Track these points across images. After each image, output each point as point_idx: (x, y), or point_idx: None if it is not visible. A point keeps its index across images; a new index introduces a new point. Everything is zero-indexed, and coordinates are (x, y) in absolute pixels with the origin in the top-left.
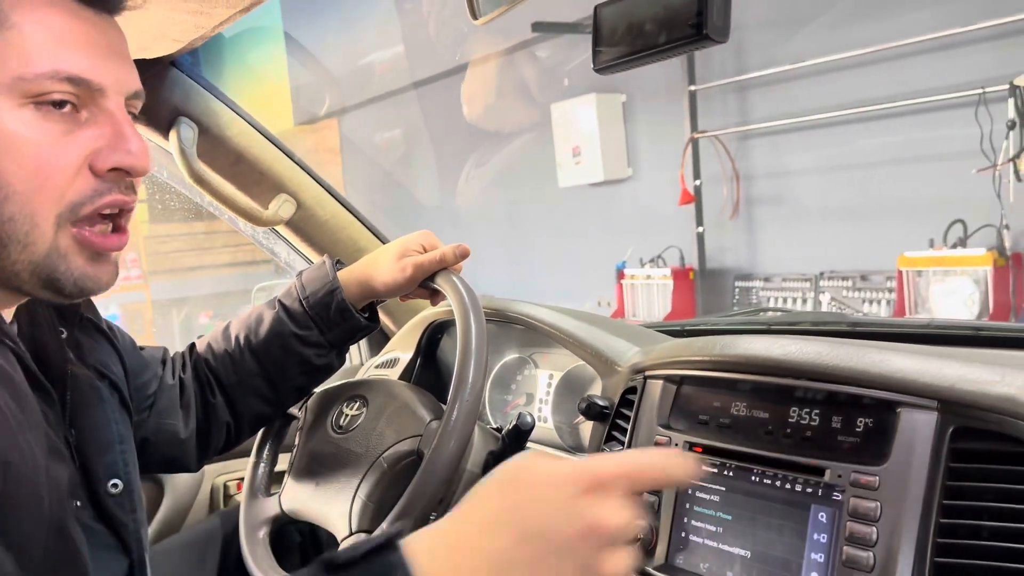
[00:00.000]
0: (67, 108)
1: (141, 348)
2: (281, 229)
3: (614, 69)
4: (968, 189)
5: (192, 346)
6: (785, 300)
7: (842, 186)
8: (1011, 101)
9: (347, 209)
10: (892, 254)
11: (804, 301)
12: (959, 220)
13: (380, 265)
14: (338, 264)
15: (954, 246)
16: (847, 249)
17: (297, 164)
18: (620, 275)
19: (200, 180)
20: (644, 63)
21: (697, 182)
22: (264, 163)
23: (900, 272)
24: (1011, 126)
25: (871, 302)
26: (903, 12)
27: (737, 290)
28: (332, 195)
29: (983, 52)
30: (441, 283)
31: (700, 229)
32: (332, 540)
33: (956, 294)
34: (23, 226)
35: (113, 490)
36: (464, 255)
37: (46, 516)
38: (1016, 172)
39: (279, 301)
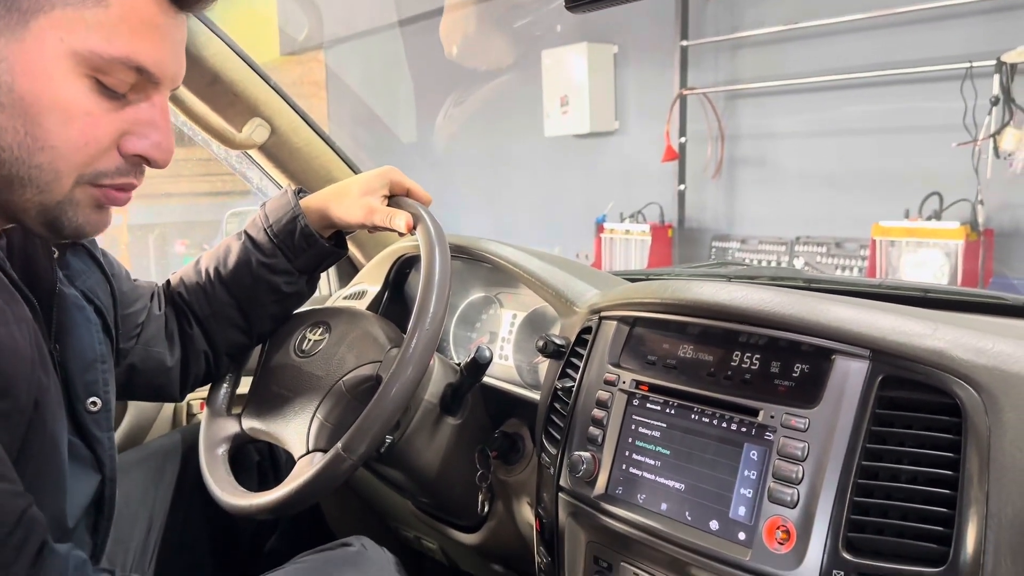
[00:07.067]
0: (121, 91)
1: (135, 280)
2: (254, 154)
3: (585, 8)
4: (947, 162)
5: (168, 282)
6: (760, 262)
7: (824, 152)
8: (996, 77)
9: (322, 138)
10: (868, 222)
11: (779, 264)
12: (935, 192)
13: (343, 199)
14: (301, 193)
15: (929, 218)
16: (824, 215)
17: (273, 89)
18: (599, 229)
19: (173, 98)
20: (615, 3)
21: (682, 139)
22: (239, 86)
23: (874, 241)
24: (994, 102)
25: (844, 268)
26: None
27: (714, 250)
28: (307, 123)
29: (973, 26)
30: (410, 213)
31: (682, 187)
32: (290, 460)
33: (927, 265)
34: (46, 176)
35: (92, 408)
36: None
37: (26, 403)
38: (995, 148)
39: (245, 232)
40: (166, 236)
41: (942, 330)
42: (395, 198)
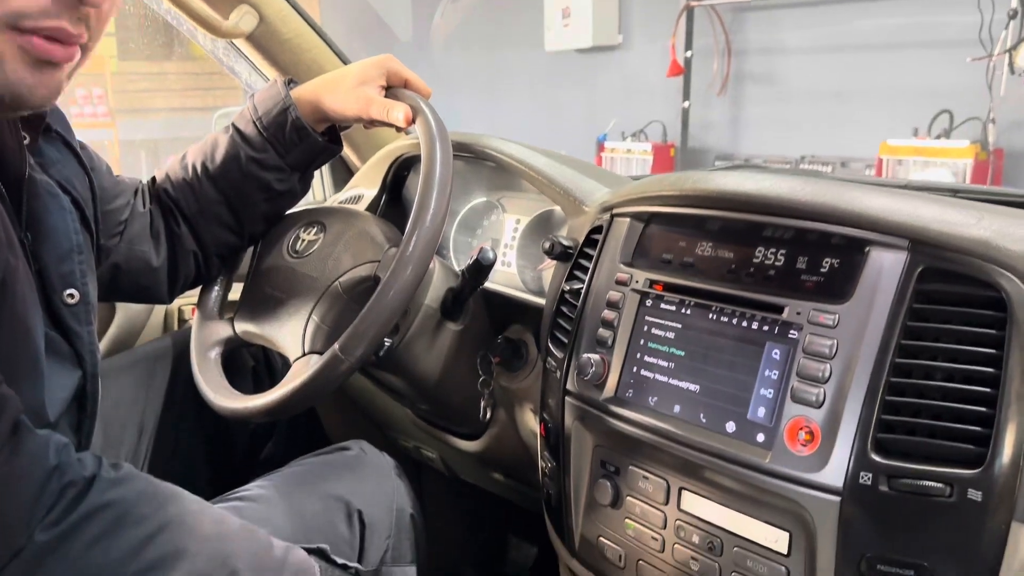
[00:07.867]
0: None
1: (117, 176)
2: (242, 45)
3: None
4: (960, 79)
5: (153, 179)
6: None
7: (833, 68)
8: None
9: (313, 29)
10: (875, 141)
11: None
12: (946, 110)
13: (337, 89)
14: (292, 83)
15: (938, 137)
16: (831, 134)
17: None
18: (600, 148)
19: None
20: None
21: (688, 53)
22: None
23: (880, 160)
24: (1012, 15)
25: None
26: None
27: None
28: (298, 12)
29: None
30: (409, 105)
31: (686, 104)
32: (286, 364)
33: None
34: None
35: (69, 300)
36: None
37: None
38: (1011, 64)
39: (233, 124)
40: (158, 151)
41: (987, 219)
42: (392, 90)
